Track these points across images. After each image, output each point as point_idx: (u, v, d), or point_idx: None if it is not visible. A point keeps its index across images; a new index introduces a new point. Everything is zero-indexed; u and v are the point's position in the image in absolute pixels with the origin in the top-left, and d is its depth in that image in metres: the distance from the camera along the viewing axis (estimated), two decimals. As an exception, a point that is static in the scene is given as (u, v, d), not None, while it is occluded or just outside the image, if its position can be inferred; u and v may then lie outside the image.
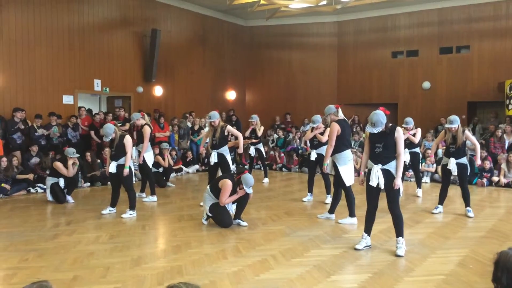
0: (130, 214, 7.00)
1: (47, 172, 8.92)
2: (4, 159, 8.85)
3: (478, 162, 7.63)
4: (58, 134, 10.35)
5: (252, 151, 10.67)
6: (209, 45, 15.68)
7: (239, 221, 6.47)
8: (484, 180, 10.20)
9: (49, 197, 8.20)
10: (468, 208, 7.13)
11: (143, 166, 8.38)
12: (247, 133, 10.77)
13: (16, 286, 4.10)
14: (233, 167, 8.51)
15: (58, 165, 8.20)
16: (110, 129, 6.88)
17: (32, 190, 9.21)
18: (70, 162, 8.21)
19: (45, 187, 8.62)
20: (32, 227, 6.35)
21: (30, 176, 9.25)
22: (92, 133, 11.33)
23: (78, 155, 8.50)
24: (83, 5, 11.85)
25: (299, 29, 16.59)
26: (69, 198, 8.25)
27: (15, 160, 9.24)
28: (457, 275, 4.41)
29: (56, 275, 4.38)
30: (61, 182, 8.15)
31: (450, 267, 4.65)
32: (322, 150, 7.72)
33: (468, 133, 7.02)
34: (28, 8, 10.74)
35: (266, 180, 10.81)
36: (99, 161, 10.49)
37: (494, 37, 13.63)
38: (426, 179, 10.82)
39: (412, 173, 10.32)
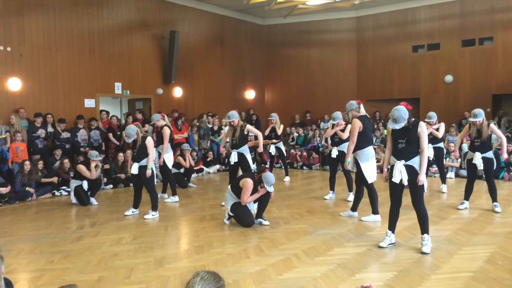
0: (153, 215, 7.04)
1: (71, 174, 9.04)
2: (27, 162, 9.00)
3: (505, 156, 7.47)
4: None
5: (272, 149, 10.66)
6: (227, 45, 15.69)
7: (261, 220, 6.45)
8: None
9: (73, 200, 8.31)
10: (495, 203, 6.97)
11: (163, 167, 8.45)
12: (267, 132, 10.75)
13: (43, 287, 4.16)
14: (253, 166, 8.49)
15: (81, 168, 8.32)
16: (132, 130, 6.92)
17: (56, 193, 9.36)
18: (92, 164, 8.32)
19: (69, 189, 8.74)
20: (57, 229, 6.46)
21: (55, 180, 9.41)
22: (110, 135, 11.45)
23: (100, 158, 8.58)
24: (102, 9, 12.01)
25: (317, 26, 16.45)
26: (92, 200, 8.36)
27: (40, 164, 9.41)
28: (486, 272, 4.30)
29: (81, 276, 4.44)
30: (85, 185, 8.26)
31: (478, 264, 4.54)
32: (343, 147, 7.64)
33: (493, 126, 6.86)
34: (49, 14, 10.92)
35: (287, 178, 10.75)
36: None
37: (518, 27, 13.28)
38: (450, 174, 10.62)
39: (436, 168, 10.14)
